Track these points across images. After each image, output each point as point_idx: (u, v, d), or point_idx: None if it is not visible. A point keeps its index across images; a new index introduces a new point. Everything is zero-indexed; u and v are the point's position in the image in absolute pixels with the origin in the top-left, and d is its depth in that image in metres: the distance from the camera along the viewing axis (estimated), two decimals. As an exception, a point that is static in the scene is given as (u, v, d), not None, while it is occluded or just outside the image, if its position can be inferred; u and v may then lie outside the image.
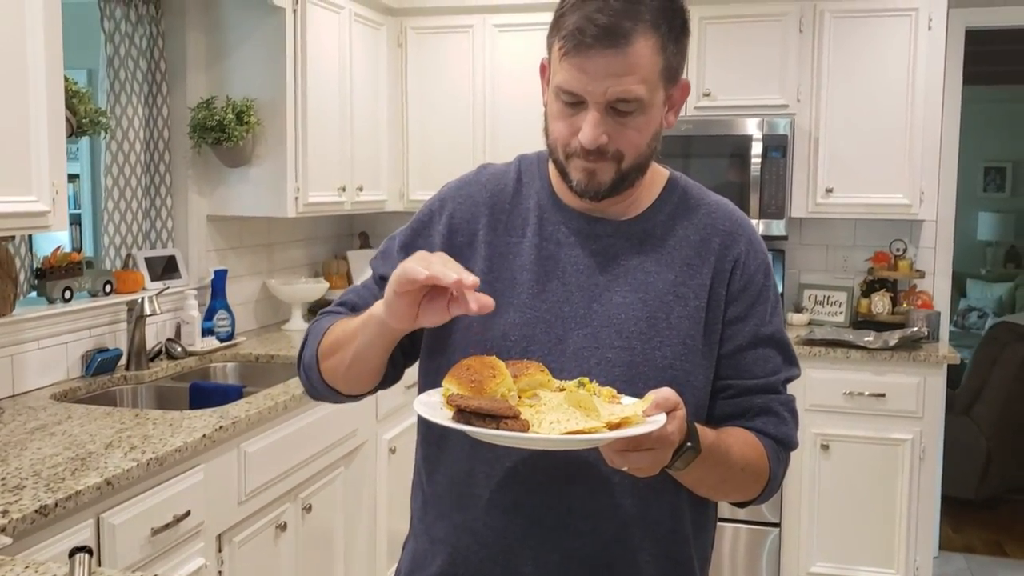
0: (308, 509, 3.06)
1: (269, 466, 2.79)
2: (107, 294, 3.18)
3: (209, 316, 3.57)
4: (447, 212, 1.48)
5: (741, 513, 3.91)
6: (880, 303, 4.17)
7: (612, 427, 1.15)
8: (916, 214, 4.00)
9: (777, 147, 3.99)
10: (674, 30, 1.32)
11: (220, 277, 3.60)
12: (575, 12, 1.28)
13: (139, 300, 3.11)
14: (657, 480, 1.27)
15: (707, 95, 4.10)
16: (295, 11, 3.49)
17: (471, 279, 1.17)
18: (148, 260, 3.39)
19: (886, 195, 4.01)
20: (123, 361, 3.15)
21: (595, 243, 1.43)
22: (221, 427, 2.50)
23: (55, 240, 3.35)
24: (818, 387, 3.85)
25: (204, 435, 2.42)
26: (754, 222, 3.98)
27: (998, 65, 6.61)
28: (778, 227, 4.02)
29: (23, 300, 2.93)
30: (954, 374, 4.49)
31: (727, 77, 4.07)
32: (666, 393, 1.20)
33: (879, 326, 4.11)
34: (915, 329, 3.85)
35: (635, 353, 1.37)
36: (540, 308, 1.40)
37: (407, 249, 1.47)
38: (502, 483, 1.37)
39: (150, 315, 3.11)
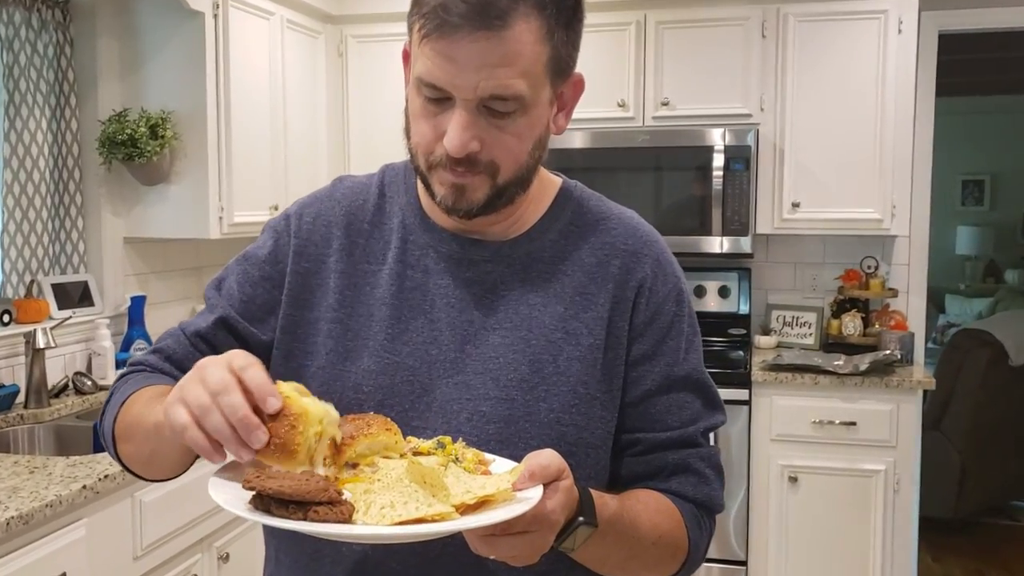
0: (225, 558, 2.78)
1: (173, 514, 2.51)
2: (6, 325, 2.90)
3: (126, 346, 3.29)
4: (293, 232, 1.22)
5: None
6: (851, 324, 3.93)
7: (467, 509, 0.89)
8: (888, 229, 3.77)
9: (740, 159, 3.76)
10: (564, 12, 1.06)
11: (138, 304, 3.32)
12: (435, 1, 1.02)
13: (34, 332, 2.83)
14: (546, 561, 0.99)
15: (665, 104, 3.86)
16: (216, 16, 3.24)
17: (254, 427, 0.89)
18: (56, 287, 3.11)
19: (856, 209, 3.78)
20: (21, 398, 2.87)
21: (469, 270, 1.17)
22: (107, 476, 2.22)
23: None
24: (785, 415, 3.60)
25: (84, 486, 2.14)
26: (718, 239, 3.75)
27: (974, 75, 6.43)
28: (743, 244, 3.78)
29: (-99, 333, 2.65)
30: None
31: (686, 85, 3.84)
32: (544, 459, 0.94)
33: (850, 348, 3.87)
34: (887, 352, 3.62)
35: (515, 406, 1.12)
36: (401, 352, 1.14)
37: (243, 287, 1.21)
38: (352, 570, 1.11)
39: (45, 348, 2.83)
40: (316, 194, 1.27)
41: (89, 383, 3.06)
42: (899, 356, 3.64)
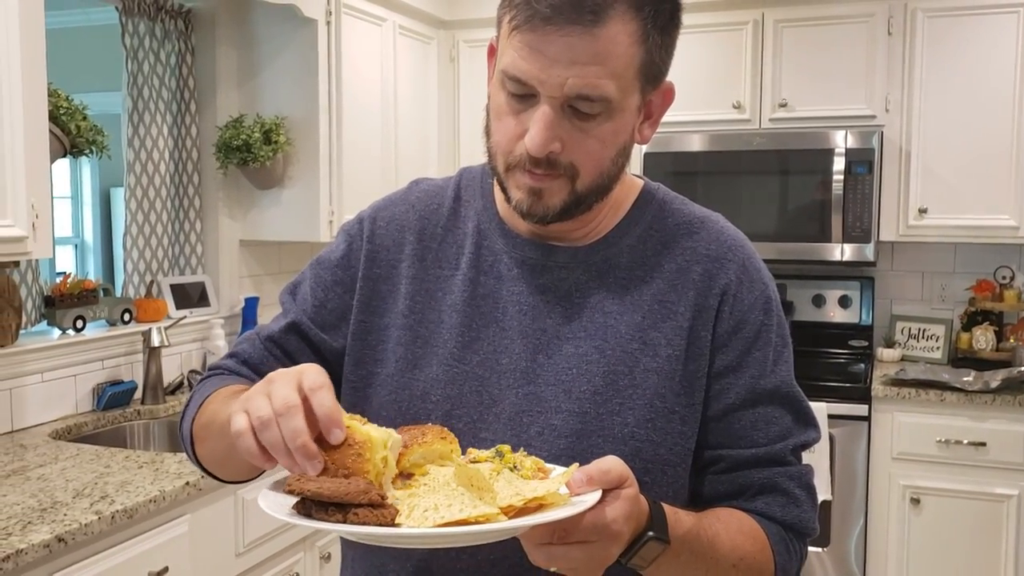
0: (327, 558, 2.82)
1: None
2: (126, 323, 3.02)
3: (239, 346, 3.37)
4: (366, 237, 1.20)
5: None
6: (983, 338, 3.69)
7: (517, 512, 0.85)
8: (1024, 237, 3.53)
9: (863, 162, 3.58)
10: (660, 16, 1.01)
11: (251, 305, 3.41)
12: None
13: (149, 330, 2.93)
14: None
15: (783, 105, 3.72)
16: (328, 23, 3.29)
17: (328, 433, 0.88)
18: (175, 287, 3.23)
19: (989, 216, 3.55)
20: (139, 395, 2.98)
21: (543, 277, 1.13)
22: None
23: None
24: (908, 433, 3.41)
25: (187, 483, 2.20)
26: (838, 246, 3.59)
27: None
28: (865, 251, 3.60)
29: (31, 330, 2.79)
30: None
31: (806, 86, 3.69)
32: (606, 464, 0.89)
33: (981, 364, 3.63)
34: (1022, 369, 3.38)
35: (587, 419, 1.07)
36: (471, 361, 1.11)
37: (315, 292, 1.20)
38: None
39: (160, 346, 2.93)
40: (391, 197, 1.25)
41: (203, 381, 3.16)
42: (1035, 373, 3.40)
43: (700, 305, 1.11)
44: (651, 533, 0.93)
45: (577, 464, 0.89)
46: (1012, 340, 3.69)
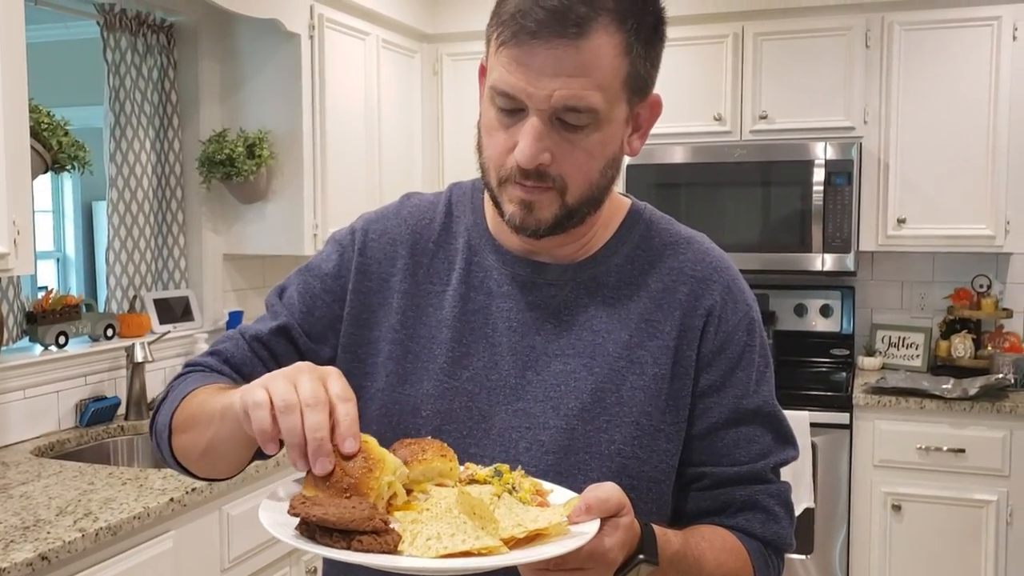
0: (313, 572, 2.81)
1: (260, 528, 2.54)
2: (109, 339, 3.01)
3: (223, 360, 3.37)
4: (357, 248, 1.20)
5: (802, 580, 3.52)
6: (961, 346, 3.74)
7: (518, 543, 0.86)
8: (1001, 247, 3.57)
9: (842, 173, 3.63)
10: (644, 29, 1.03)
11: (235, 319, 3.41)
12: (515, 9, 1.01)
13: (133, 346, 2.93)
14: None
15: (764, 117, 3.76)
16: (311, 37, 3.30)
17: (346, 428, 0.89)
18: (158, 302, 3.22)
19: (967, 226, 3.59)
20: (122, 410, 2.97)
21: (533, 293, 1.14)
22: (195, 489, 2.27)
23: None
24: (888, 441, 3.44)
25: (172, 499, 2.20)
26: (819, 256, 3.62)
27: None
28: (846, 261, 3.64)
29: (12, 347, 2.78)
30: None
31: (785, 98, 3.73)
32: (605, 492, 0.91)
33: (960, 371, 3.67)
34: (1000, 376, 3.42)
35: (575, 436, 1.09)
36: (461, 376, 1.13)
37: (304, 299, 1.20)
38: None
39: (144, 361, 2.93)
40: (383, 210, 1.25)
41: (187, 396, 3.15)
42: (1012, 380, 3.44)
43: (686, 325, 1.13)
44: (642, 556, 0.95)
45: (578, 496, 0.91)
46: (990, 348, 3.73)
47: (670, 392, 1.11)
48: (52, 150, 2.36)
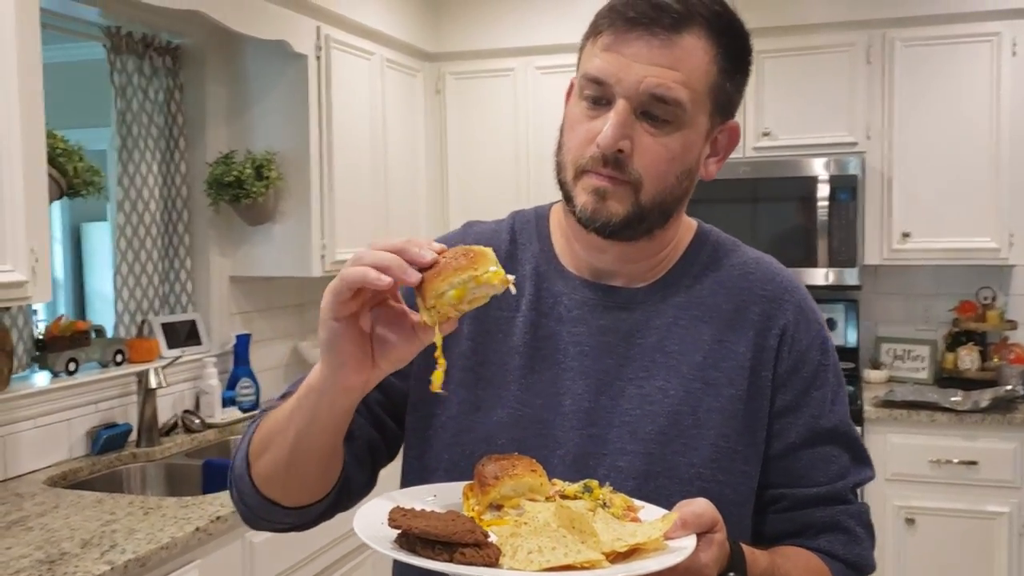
0: (332, 599, 2.78)
1: (281, 556, 2.52)
2: (119, 364, 2.97)
3: (231, 385, 3.33)
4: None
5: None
6: (967, 358, 3.76)
7: (618, 558, 0.86)
8: (1006, 259, 3.60)
9: (846, 188, 3.64)
10: (734, 51, 1.07)
11: (243, 342, 3.37)
12: (614, 3, 1.06)
13: (146, 372, 2.89)
14: None
15: (767, 134, 3.78)
16: (319, 58, 3.29)
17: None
18: (166, 326, 3.18)
19: (971, 239, 3.62)
20: (134, 437, 2.93)
21: (604, 318, 1.13)
22: (219, 518, 2.23)
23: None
24: (900, 454, 3.45)
25: (197, 528, 2.16)
26: (823, 271, 3.64)
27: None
28: (850, 276, 3.65)
29: (22, 374, 2.73)
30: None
31: (788, 114, 3.75)
32: (699, 507, 0.91)
33: (967, 384, 3.69)
34: (1009, 388, 3.44)
35: (653, 460, 1.07)
36: (533, 403, 1.11)
37: None
38: None
39: (157, 387, 2.89)
40: (447, 237, 1.24)
41: (197, 421, 3.11)
42: (1021, 392, 3.46)
43: (760, 345, 1.12)
44: (732, 574, 0.95)
45: (677, 513, 0.90)
46: (996, 359, 3.75)
47: (747, 413, 1.11)
48: (68, 175, 2.33)
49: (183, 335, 3.24)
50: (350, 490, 1.14)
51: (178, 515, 2.24)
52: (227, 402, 3.28)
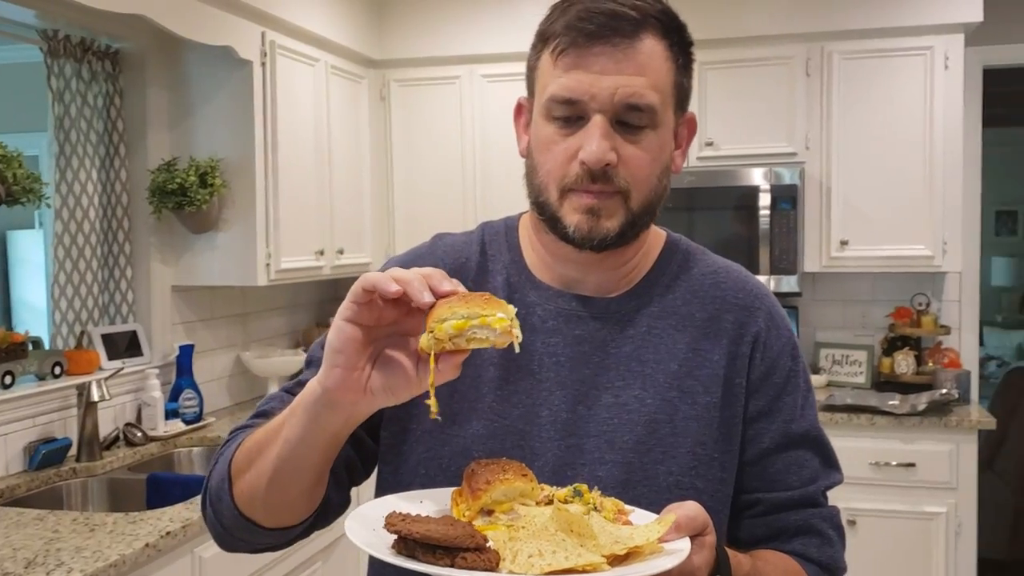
0: (280, 614, 2.73)
1: (232, 570, 2.46)
2: (57, 377, 2.88)
3: (174, 396, 3.26)
4: None
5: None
6: (904, 362, 3.86)
7: (616, 560, 0.86)
8: (939, 266, 3.71)
9: (787, 198, 3.72)
10: (683, 46, 1.09)
11: (186, 353, 3.30)
12: (565, 14, 1.05)
13: (87, 384, 2.80)
14: None
15: (709, 144, 3.83)
16: (264, 64, 3.24)
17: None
18: (106, 337, 3.09)
19: (906, 246, 3.72)
20: (73, 451, 2.84)
21: (578, 328, 1.13)
22: (169, 533, 2.18)
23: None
24: (841, 457, 3.43)
25: (147, 544, 2.10)
26: (764, 278, 3.70)
27: (1001, 107, 6.37)
28: (790, 283, 3.73)
29: (-44, 388, 2.63)
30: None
31: (731, 125, 3.81)
32: (691, 510, 0.92)
33: (903, 387, 3.79)
34: (944, 391, 3.54)
35: (632, 469, 1.08)
36: (510, 415, 1.11)
37: None
38: None
39: (100, 400, 2.81)
40: (415, 251, 1.24)
41: (139, 434, 3.03)
42: (956, 395, 3.56)
43: (734, 352, 1.14)
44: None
45: (674, 516, 0.90)
46: (931, 363, 3.86)
47: (722, 420, 1.12)
48: (7, 183, 2.25)
49: (123, 346, 3.16)
50: (328, 509, 1.12)
51: (126, 531, 2.18)
52: (170, 414, 3.20)
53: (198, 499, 2.43)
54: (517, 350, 0.91)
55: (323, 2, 3.62)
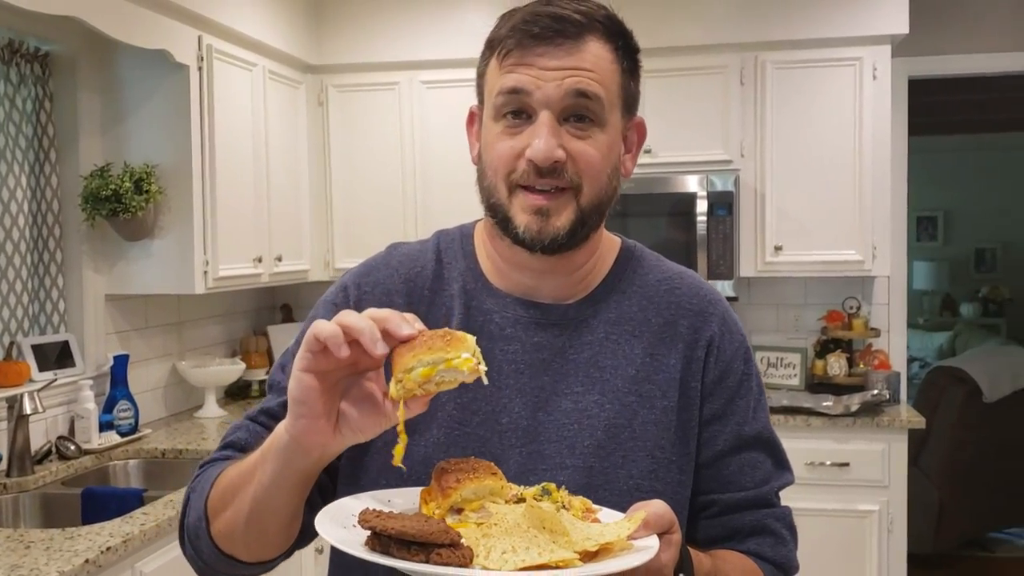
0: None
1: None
2: (-15, 389, 2.79)
3: (109, 408, 3.18)
4: (352, 303, 1.17)
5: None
6: (836, 364, 3.96)
7: (587, 557, 0.87)
8: (869, 271, 3.81)
9: (723, 204, 3.79)
10: (630, 53, 1.12)
11: (120, 363, 3.22)
12: (511, 19, 1.08)
13: (18, 397, 2.72)
14: None
15: (647, 152, 3.88)
16: (200, 68, 3.19)
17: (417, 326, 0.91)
18: (36, 348, 3.00)
19: (838, 251, 3.82)
20: (4, 466, 2.75)
21: (536, 335, 1.14)
22: (109, 548, 2.12)
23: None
24: (778, 458, 3.58)
25: (87, 560, 2.05)
26: (702, 283, 3.75)
27: (924, 116, 6.59)
28: (726, 288, 3.79)
29: None
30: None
31: (668, 133, 3.87)
32: (659, 508, 0.93)
33: (836, 389, 3.89)
34: (876, 392, 3.64)
35: (592, 474, 1.09)
36: (471, 422, 1.11)
37: None
38: None
39: (32, 413, 2.72)
40: (370, 262, 1.23)
41: (73, 447, 2.95)
42: (887, 396, 3.67)
43: (689, 357, 1.16)
44: (682, 575, 0.98)
45: (643, 513, 0.92)
46: (862, 365, 3.97)
47: (679, 424, 1.14)
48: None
49: (55, 357, 3.07)
50: (305, 533, 1.11)
51: (63, 547, 2.12)
52: (104, 426, 3.12)
53: (137, 512, 2.38)
54: (486, 382, 0.91)
55: (261, 7, 3.57)
